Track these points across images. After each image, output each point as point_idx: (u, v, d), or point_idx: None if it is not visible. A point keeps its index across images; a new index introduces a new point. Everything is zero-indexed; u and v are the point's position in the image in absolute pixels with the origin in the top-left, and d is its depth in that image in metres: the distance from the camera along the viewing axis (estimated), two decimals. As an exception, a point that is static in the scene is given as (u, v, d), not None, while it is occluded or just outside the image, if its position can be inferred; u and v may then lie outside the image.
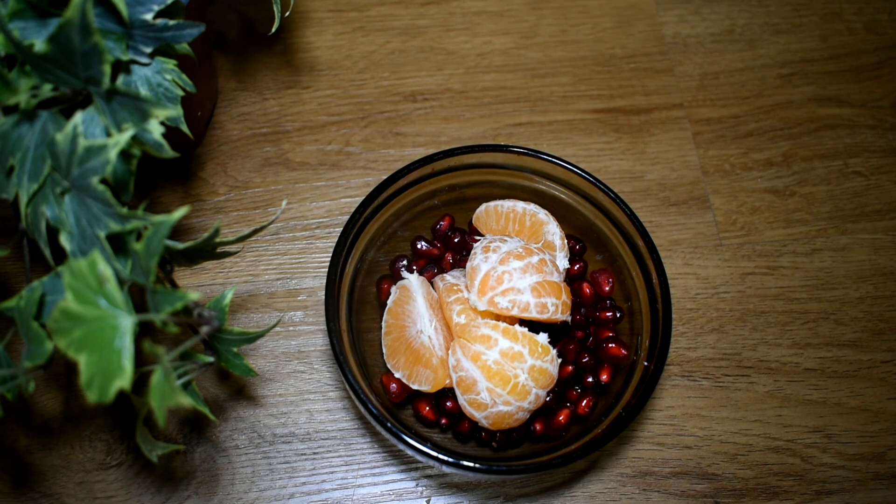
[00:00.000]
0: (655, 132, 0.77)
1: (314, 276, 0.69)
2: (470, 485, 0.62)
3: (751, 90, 0.80)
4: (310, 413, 0.64)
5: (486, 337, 0.52)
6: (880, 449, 0.64)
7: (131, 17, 0.45)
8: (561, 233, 0.61)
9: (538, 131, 0.77)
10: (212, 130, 0.75)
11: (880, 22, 0.84)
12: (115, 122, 0.42)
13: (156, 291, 0.39)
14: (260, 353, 0.66)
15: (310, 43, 0.80)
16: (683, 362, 0.67)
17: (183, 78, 0.50)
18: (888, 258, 0.72)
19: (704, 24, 0.83)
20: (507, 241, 0.57)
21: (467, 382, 0.53)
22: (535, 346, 0.52)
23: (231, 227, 0.71)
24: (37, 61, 0.40)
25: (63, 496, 0.60)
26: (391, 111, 0.77)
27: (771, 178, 0.75)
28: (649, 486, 0.62)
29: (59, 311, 0.35)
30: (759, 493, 0.62)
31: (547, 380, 0.53)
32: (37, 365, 0.41)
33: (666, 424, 0.65)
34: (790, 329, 0.69)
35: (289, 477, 0.62)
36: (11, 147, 0.41)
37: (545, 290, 0.54)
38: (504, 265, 0.54)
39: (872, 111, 0.79)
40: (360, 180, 0.73)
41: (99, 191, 0.40)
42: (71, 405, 0.63)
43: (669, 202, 0.74)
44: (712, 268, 0.71)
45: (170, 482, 0.61)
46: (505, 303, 0.53)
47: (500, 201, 0.62)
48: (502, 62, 0.80)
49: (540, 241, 0.60)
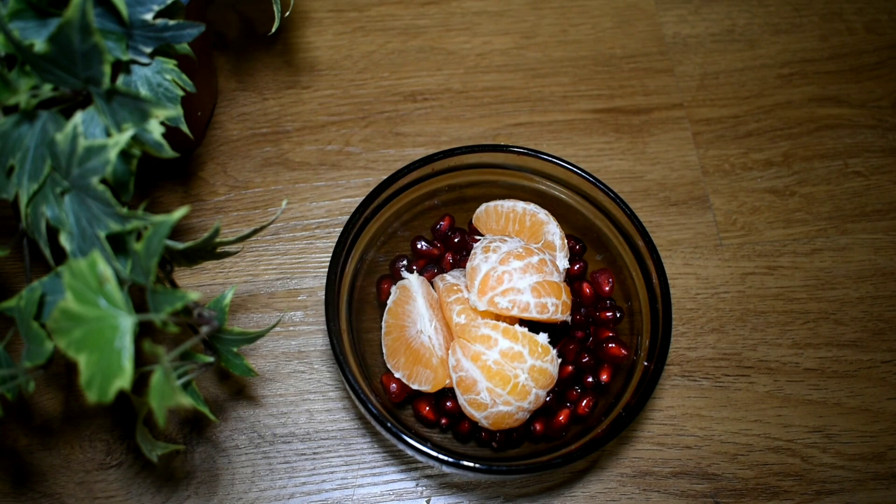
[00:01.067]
0: (655, 132, 0.77)
1: (314, 276, 0.69)
2: (470, 485, 0.62)
3: (751, 90, 0.80)
4: (310, 413, 0.64)
5: (486, 337, 0.52)
6: (880, 449, 0.64)
7: (131, 17, 0.45)
8: (561, 233, 0.61)
9: (538, 131, 0.77)
10: (212, 130, 0.75)
11: (880, 22, 0.84)
12: (115, 122, 0.42)
13: (156, 291, 0.39)
14: (260, 353, 0.66)
15: (310, 43, 0.80)
16: (683, 362, 0.67)
17: (183, 78, 0.50)
18: (888, 258, 0.72)
19: (704, 24, 0.83)
20: (507, 241, 0.57)
21: (467, 382, 0.53)
22: (535, 346, 0.52)
23: (231, 227, 0.71)
24: (37, 61, 0.40)
25: (63, 496, 0.60)
26: (391, 111, 0.77)
27: (771, 178, 0.75)
28: (649, 486, 0.62)
29: (59, 311, 0.35)
30: (759, 493, 0.62)
31: (547, 380, 0.53)
32: (37, 365, 0.41)
33: (666, 424, 0.65)
34: (790, 329, 0.69)
35: (289, 477, 0.62)
36: (11, 147, 0.41)
37: (545, 290, 0.54)
38: (504, 265, 0.54)
39: (872, 111, 0.79)
40: (360, 180, 0.73)
41: (99, 191, 0.40)
42: (71, 405, 0.63)
43: (669, 202, 0.74)
44: (712, 268, 0.71)
45: (170, 482, 0.61)
46: (505, 303, 0.53)
47: (500, 201, 0.62)
48: (502, 62, 0.80)
49: (540, 241, 0.60)
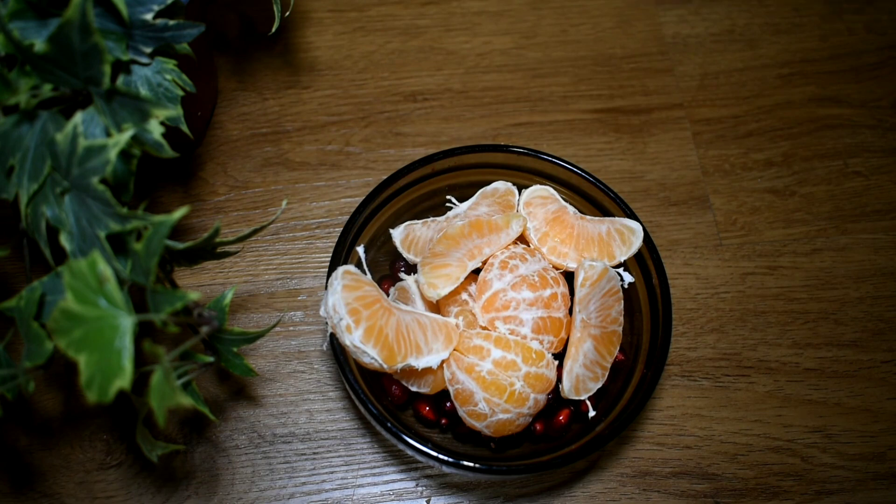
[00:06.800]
0: (655, 132, 0.77)
1: (314, 276, 0.69)
2: (470, 485, 0.62)
3: (751, 90, 0.80)
4: (310, 413, 0.64)
5: (479, 348, 0.52)
6: (880, 449, 0.64)
7: (131, 17, 0.45)
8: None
9: (538, 131, 0.77)
10: (212, 130, 0.75)
11: (880, 22, 0.84)
12: (115, 122, 0.42)
13: (156, 291, 0.39)
14: (260, 353, 0.66)
15: (310, 43, 0.80)
16: (683, 362, 0.67)
17: (183, 78, 0.50)
18: (888, 258, 0.72)
19: (704, 24, 0.83)
20: (528, 260, 0.56)
21: (464, 395, 0.53)
22: (528, 354, 0.52)
23: (231, 227, 0.71)
24: (37, 61, 0.40)
25: (63, 496, 0.60)
26: (391, 111, 0.77)
27: (771, 178, 0.75)
28: (649, 486, 0.62)
29: (59, 311, 0.35)
30: (759, 493, 0.62)
31: (544, 384, 0.53)
32: (37, 365, 0.41)
33: (666, 424, 0.65)
34: (790, 329, 0.69)
35: (289, 477, 0.62)
36: (11, 147, 0.41)
37: (546, 327, 0.54)
38: (515, 291, 0.54)
39: (872, 111, 0.79)
40: (360, 180, 0.73)
41: (99, 191, 0.40)
42: (71, 405, 0.63)
43: (669, 202, 0.74)
44: (712, 268, 0.71)
45: (170, 482, 0.61)
46: (504, 328, 0.54)
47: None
48: (502, 62, 0.80)
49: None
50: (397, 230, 0.61)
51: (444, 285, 0.53)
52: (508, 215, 0.57)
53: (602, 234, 0.58)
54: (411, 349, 0.51)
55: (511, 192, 0.60)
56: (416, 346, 0.52)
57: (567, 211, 0.60)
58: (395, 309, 0.52)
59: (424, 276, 0.53)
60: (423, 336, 0.52)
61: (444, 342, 0.53)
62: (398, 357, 0.50)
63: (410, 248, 0.60)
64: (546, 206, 0.60)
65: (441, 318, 0.54)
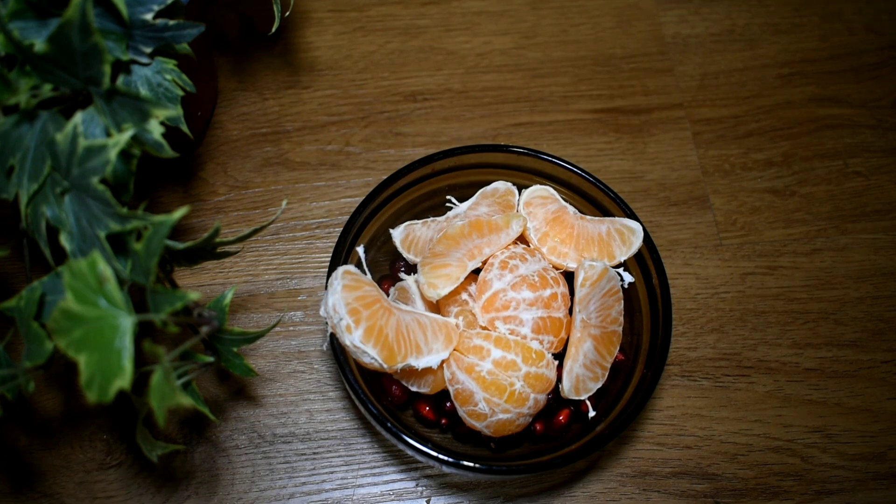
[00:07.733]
0: (655, 132, 0.77)
1: (314, 276, 0.69)
2: (470, 485, 0.62)
3: (751, 90, 0.80)
4: (310, 413, 0.64)
5: (479, 348, 0.52)
6: (880, 449, 0.64)
7: (131, 17, 0.45)
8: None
9: (538, 131, 0.77)
10: (212, 130, 0.75)
11: (880, 22, 0.84)
12: (115, 122, 0.42)
13: (156, 291, 0.39)
14: (260, 353, 0.66)
15: (310, 43, 0.80)
16: (683, 362, 0.67)
17: (183, 78, 0.50)
18: (888, 258, 0.72)
19: (704, 24, 0.83)
20: (528, 260, 0.56)
21: (464, 395, 0.53)
22: (528, 354, 0.52)
23: (231, 227, 0.71)
24: (37, 61, 0.40)
25: (63, 496, 0.60)
26: (391, 111, 0.77)
27: (771, 178, 0.75)
28: (649, 486, 0.62)
29: (59, 311, 0.35)
30: (759, 493, 0.62)
31: (544, 384, 0.53)
32: (37, 365, 0.41)
33: (666, 424, 0.65)
34: (790, 329, 0.69)
35: (289, 477, 0.62)
36: (11, 147, 0.41)
37: (546, 327, 0.54)
38: (515, 291, 0.54)
39: (872, 111, 0.79)
40: (360, 180, 0.73)
41: (99, 191, 0.40)
42: (71, 405, 0.63)
43: (669, 202, 0.74)
44: (712, 268, 0.71)
45: (170, 482, 0.61)
46: (504, 328, 0.54)
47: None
48: (502, 62, 0.80)
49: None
50: (397, 230, 0.61)
51: (444, 285, 0.53)
52: (508, 215, 0.57)
53: (602, 234, 0.58)
54: (411, 349, 0.51)
55: (511, 192, 0.60)
56: (416, 346, 0.52)
57: (567, 211, 0.60)
58: (395, 309, 0.52)
59: (424, 276, 0.53)
60: (423, 336, 0.52)
61: (444, 342, 0.53)
62: (398, 357, 0.50)
63: (410, 248, 0.60)
64: (546, 206, 0.60)
65: (441, 318, 0.54)
